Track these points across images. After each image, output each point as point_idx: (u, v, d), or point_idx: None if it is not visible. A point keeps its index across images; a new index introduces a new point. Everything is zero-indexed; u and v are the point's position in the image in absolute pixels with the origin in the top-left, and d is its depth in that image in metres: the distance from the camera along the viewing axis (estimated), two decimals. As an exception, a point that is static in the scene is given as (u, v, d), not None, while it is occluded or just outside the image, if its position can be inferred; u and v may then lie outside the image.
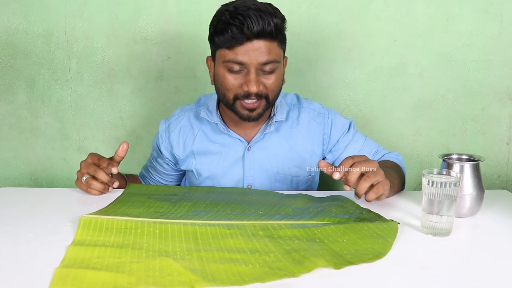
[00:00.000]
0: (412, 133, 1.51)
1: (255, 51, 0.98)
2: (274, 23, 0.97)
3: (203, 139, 1.15)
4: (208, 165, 1.14)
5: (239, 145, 1.13)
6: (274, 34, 0.98)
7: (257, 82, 1.00)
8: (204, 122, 1.15)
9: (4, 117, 1.48)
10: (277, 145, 1.14)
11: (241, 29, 0.96)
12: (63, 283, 0.62)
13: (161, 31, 1.43)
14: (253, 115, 1.05)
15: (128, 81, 1.47)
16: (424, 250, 0.76)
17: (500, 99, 1.48)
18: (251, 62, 0.99)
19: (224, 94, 1.04)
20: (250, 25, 0.95)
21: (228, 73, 1.02)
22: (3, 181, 1.52)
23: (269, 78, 1.02)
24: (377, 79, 1.47)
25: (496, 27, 1.43)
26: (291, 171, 1.14)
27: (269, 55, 0.99)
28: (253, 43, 0.97)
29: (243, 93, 1.02)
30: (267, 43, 0.98)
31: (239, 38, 0.97)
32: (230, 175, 1.13)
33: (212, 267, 0.66)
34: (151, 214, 0.86)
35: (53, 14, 1.42)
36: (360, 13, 1.43)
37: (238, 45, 0.98)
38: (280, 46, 1.03)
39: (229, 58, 0.99)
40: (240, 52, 0.98)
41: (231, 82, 1.02)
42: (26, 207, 0.92)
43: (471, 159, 0.93)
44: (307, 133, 1.15)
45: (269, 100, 1.04)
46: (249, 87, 1.00)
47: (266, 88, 1.03)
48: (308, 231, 0.80)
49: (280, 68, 1.04)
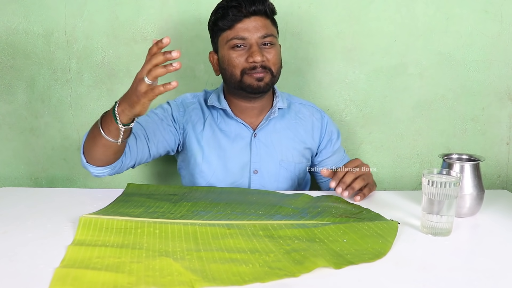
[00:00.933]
0: (412, 133, 1.51)
1: (254, 27, 1.08)
2: (267, 4, 1.11)
3: (212, 125, 1.19)
4: (215, 150, 1.17)
5: (246, 132, 1.18)
6: (268, 13, 1.11)
7: (260, 52, 1.08)
8: (211, 109, 1.20)
9: (4, 117, 1.48)
10: (282, 132, 1.20)
11: (239, 8, 1.08)
12: (63, 283, 0.62)
13: (161, 31, 1.43)
14: (262, 85, 1.10)
15: (128, 81, 1.46)
16: (424, 250, 0.76)
17: (500, 99, 1.48)
18: (251, 36, 1.08)
19: (231, 73, 1.11)
20: (246, 4, 1.07)
21: (232, 51, 1.10)
22: (3, 181, 1.52)
23: (270, 52, 1.10)
24: (377, 79, 1.47)
25: (496, 27, 1.43)
26: (294, 158, 1.20)
27: (267, 29, 1.10)
28: (251, 19, 1.09)
29: (249, 66, 1.09)
30: (263, 19, 1.10)
31: (238, 17, 1.08)
32: (238, 160, 1.17)
33: (212, 267, 0.66)
34: (151, 214, 0.86)
35: (53, 14, 1.42)
36: (360, 13, 1.43)
37: (238, 23, 1.08)
38: (274, 25, 1.14)
39: (231, 36, 1.09)
40: (241, 29, 1.08)
41: (237, 58, 1.09)
42: (26, 207, 0.92)
43: (471, 159, 0.93)
44: (307, 125, 1.23)
45: (273, 73, 1.11)
46: (254, 58, 1.07)
47: (268, 60, 1.10)
48: (308, 231, 0.80)
49: (277, 45, 1.13)
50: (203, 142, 1.17)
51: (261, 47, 1.10)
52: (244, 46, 1.09)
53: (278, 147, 1.19)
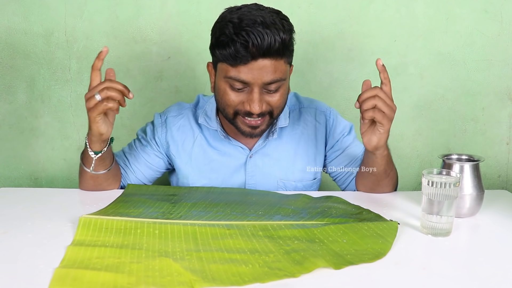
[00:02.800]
0: (412, 133, 1.51)
1: (260, 70, 0.91)
2: (281, 39, 0.90)
3: (203, 144, 1.10)
4: (207, 172, 1.09)
5: (241, 153, 1.09)
6: (281, 52, 0.91)
7: (260, 102, 0.94)
8: (202, 128, 1.11)
9: (4, 117, 1.48)
10: (280, 150, 1.10)
11: (245, 46, 0.89)
12: (63, 283, 0.62)
13: (161, 31, 1.43)
14: (256, 132, 1.00)
15: (128, 81, 1.47)
16: (424, 250, 0.76)
17: (500, 99, 1.48)
18: (255, 81, 0.92)
19: (224, 109, 0.99)
20: (255, 42, 0.88)
21: (229, 90, 0.96)
22: (3, 181, 1.52)
23: (274, 96, 0.96)
24: (377, 79, 1.47)
25: (496, 27, 1.43)
26: (295, 176, 1.11)
27: (275, 74, 0.93)
28: (258, 62, 0.90)
29: (244, 111, 0.96)
30: (273, 62, 0.91)
31: (243, 57, 0.90)
32: (231, 181, 1.09)
33: (212, 267, 0.66)
34: (150, 215, 0.86)
35: (53, 14, 1.42)
36: (360, 13, 1.43)
37: (242, 64, 0.91)
38: (287, 61, 0.96)
39: (231, 75, 0.93)
40: (244, 71, 0.91)
41: (232, 98, 0.96)
42: (26, 208, 0.92)
43: (471, 159, 0.93)
44: (310, 133, 1.12)
45: (273, 116, 1.00)
46: (251, 107, 0.94)
47: (270, 105, 0.97)
48: (308, 231, 0.80)
49: (285, 85, 0.98)
50: (192, 163, 1.09)
51: (264, 92, 0.95)
52: (244, 88, 0.95)
53: (277, 167, 1.09)
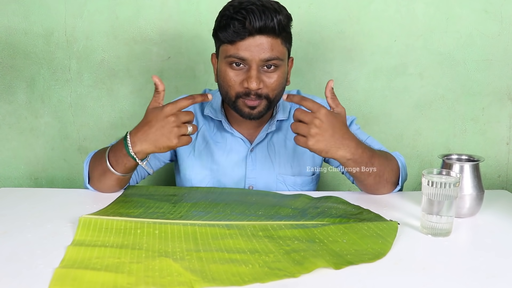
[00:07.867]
0: (412, 133, 1.51)
1: (257, 47, 0.96)
2: (277, 20, 0.96)
3: (206, 135, 1.13)
4: (208, 163, 1.12)
5: (242, 146, 1.12)
6: (277, 31, 0.97)
7: (257, 79, 0.98)
8: (207, 119, 1.14)
9: (4, 117, 1.48)
10: (280, 144, 1.13)
11: (243, 23, 0.95)
12: (63, 283, 0.62)
13: (161, 31, 1.43)
14: (254, 113, 1.02)
15: (128, 81, 1.47)
16: (424, 250, 0.77)
17: (500, 99, 1.48)
18: (252, 57, 0.97)
19: (226, 91, 1.03)
20: (252, 19, 0.94)
21: (229, 69, 1.00)
22: (3, 181, 1.52)
23: (271, 77, 1.00)
24: (377, 79, 1.47)
25: (496, 27, 1.43)
26: (293, 170, 1.13)
27: (272, 52, 0.97)
28: (255, 38, 0.96)
29: (243, 91, 1.00)
30: (269, 39, 0.97)
31: (241, 33, 0.95)
32: (232, 175, 1.12)
33: (212, 268, 0.66)
34: (150, 215, 0.86)
35: (53, 14, 1.42)
36: (360, 13, 1.43)
37: (240, 40, 0.96)
38: (284, 44, 1.01)
39: (230, 53, 0.98)
40: (242, 47, 0.96)
41: (233, 78, 1.00)
42: (26, 208, 0.92)
43: (471, 159, 0.93)
44: None
45: (270, 99, 1.02)
46: (249, 84, 0.97)
47: (267, 86, 1.00)
48: (308, 232, 0.80)
49: (283, 67, 1.02)
50: (195, 155, 1.12)
51: (262, 70, 0.99)
52: (243, 66, 0.99)
53: (276, 161, 1.12)
